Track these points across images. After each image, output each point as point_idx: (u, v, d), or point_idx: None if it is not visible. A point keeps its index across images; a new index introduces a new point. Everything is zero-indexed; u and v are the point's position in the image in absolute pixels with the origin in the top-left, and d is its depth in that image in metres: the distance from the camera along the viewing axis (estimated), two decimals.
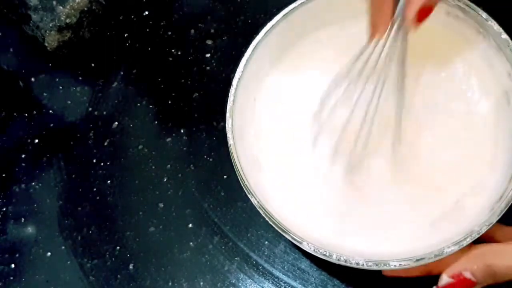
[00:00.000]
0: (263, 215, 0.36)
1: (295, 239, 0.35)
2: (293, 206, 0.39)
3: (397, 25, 0.35)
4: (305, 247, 0.34)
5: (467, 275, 0.33)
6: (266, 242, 0.42)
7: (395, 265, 0.33)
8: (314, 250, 0.34)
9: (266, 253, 0.42)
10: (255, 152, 0.41)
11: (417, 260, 0.33)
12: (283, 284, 0.41)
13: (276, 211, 0.37)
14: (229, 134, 0.38)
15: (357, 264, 0.33)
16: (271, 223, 0.36)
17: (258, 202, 0.36)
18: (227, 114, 0.39)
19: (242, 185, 0.37)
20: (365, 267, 0.33)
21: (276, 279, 0.41)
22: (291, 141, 0.41)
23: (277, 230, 0.35)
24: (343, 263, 0.34)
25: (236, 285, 0.42)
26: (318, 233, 0.37)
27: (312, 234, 0.36)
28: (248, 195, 0.36)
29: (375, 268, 0.33)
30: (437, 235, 0.35)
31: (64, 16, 0.49)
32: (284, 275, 0.41)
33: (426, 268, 0.35)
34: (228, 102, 0.39)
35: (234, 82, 0.39)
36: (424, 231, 0.36)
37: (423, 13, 0.34)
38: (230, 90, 0.39)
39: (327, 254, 0.34)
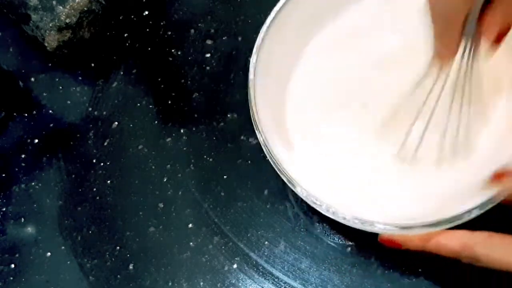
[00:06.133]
0: (265, 153, 0.36)
1: (290, 182, 0.35)
2: (304, 158, 0.39)
3: (468, 51, 0.32)
4: (298, 191, 0.35)
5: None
6: (266, 242, 0.42)
7: (379, 228, 0.33)
8: (306, 196, 0.35)
9: (266, 253, 0.42)
10: (278, 95, 0.41)
11: (403, 227, 0.33)
12: (283, 284, 0.41)
13: (282, 157, 0.37)
14: (251, 69, 0.39)
15: (344, 219, 0.34)
16: (270, 161, 0.36)
17: (263, 139, 0.36)
18: (254, 50, 0.40)
19: (252, 120, 0.37)
20: (351, 223, 0.34)
21: (276, 279, 0.41)
22: (318, 96, 0.42)
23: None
24: (331, 215, 0.34)
25: (236, 285, 0.42)
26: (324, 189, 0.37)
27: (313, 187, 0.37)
28: (256, 131, 0.37)
29: (360, 226, 0.34)
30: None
31: (64, 16, 0.49)
32: (284, 275, 0.41)
33: (422, 242, 0.33)
34: (257, 40, 0.40)
35: (268, 20, 0.40)
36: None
37: (502, 34, 0.31)
38: (261, 28, 0.40)
39: (318, 203, 0.34)
